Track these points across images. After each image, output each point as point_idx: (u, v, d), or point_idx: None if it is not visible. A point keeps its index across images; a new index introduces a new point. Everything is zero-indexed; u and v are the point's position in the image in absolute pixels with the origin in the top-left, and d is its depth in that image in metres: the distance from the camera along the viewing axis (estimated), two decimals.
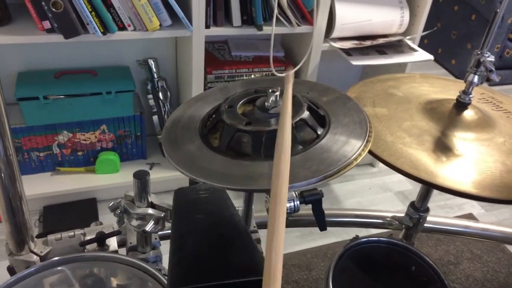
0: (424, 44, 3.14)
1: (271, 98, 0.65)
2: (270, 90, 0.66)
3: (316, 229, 1.68)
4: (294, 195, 0.66)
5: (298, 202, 0.66)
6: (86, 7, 1.21)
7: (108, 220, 0.90)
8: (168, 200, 0.80)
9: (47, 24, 1.23)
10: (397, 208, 1.77)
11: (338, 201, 1.78)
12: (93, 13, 1.23)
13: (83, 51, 1.53)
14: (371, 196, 1.83)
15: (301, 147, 0.63)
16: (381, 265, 0.86)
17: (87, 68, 1.53)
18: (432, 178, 0.72)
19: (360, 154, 0.60)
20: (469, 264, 1.52)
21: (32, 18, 1.22)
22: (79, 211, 1.55)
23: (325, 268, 0.81)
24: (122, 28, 1.30)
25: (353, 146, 0.61)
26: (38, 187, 1.50)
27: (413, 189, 1.88)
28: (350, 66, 1.54)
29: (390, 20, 1.59)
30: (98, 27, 1.25)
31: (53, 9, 1.18)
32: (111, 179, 1.57)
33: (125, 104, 1.50)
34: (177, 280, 0.56)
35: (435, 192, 1.91)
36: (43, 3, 1.17)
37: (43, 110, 1.41)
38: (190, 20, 1.34)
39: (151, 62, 1.58)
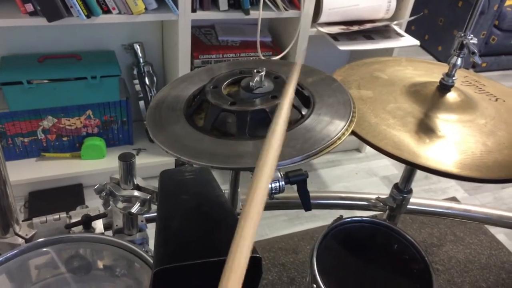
0: (411, 30, 3.15)
1: (255, 79, 0.66)
2: (255, 71, 0.66)
3: (303, 213, 1.69)
4: (279, 175, 0.67)
5: (283, 183, 0.67)
6: None
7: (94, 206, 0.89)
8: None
9: (30, 7, 1.20)
10: (383, 193, 1.80)
11: (325, 186, 1.80)
12: None
13: (67, 35, 1.51)
14: (358, 181, 1.85)
15: None
16: (364, 244, 0.87)
17: (71, 53, 1.51)
18: (414, 159, 0.73)
19: (343, 134, 0.61)
20: (452, 246, 1.56)
21: (14, 0, 1.19)
22: (65, 197, 1.54)
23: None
24: (107, 11, 1.28)
25: (336, 126, 0.62)
26: (23, 173, 1.49)
27: (398, 174, 1.91)
28: (337, 51, 1.54)
29: (377, 5, 1.59)
30: (82, 10, 1.23)
31: None
32: (97, 165, 1.56)
33: (111, 89, 1.48)
34: (163, 259, 0.57)
35: (419, 176, 1.93)
36: None
37: (27, 95, 1.39)
38: (176, 4, 1.32)
39: (137, 47, 1.56)
